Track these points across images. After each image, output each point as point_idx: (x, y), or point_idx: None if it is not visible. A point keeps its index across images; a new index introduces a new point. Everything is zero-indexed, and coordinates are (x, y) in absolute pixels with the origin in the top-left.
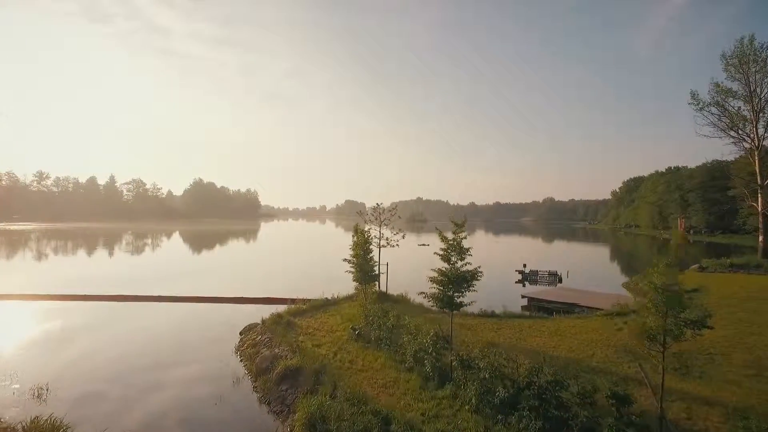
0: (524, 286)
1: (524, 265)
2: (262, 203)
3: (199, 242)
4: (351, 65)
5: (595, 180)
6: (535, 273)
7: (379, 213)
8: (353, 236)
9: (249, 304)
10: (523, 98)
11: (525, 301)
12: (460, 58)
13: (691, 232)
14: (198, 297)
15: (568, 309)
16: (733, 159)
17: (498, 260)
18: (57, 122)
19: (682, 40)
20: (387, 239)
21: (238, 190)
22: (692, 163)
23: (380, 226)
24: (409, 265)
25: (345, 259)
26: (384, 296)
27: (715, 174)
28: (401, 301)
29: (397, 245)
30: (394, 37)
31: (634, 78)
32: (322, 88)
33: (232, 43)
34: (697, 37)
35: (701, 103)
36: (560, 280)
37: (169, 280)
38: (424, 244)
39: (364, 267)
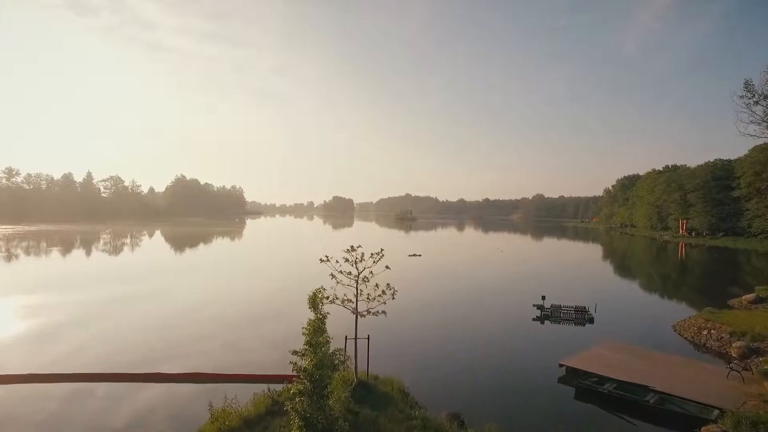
0: (542, 323)
1: (543, 298)
2: (249, 200)
3: (163, 250)
4: (341, 62)
5: (584, 177)
6: (557, 309)
7: (356, 260)
8: (310, 315)
9: (165, 383)
10: (514, 95)
11: (563, 371)
12: (451, 55)
13: (693, 234)
14: (84, 374)
15: (636, 397)
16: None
17: (504, 278)
18: (44, 121)
19: (669, 39)
20: (368, 298)
21: (223, 186)
22: (689, 162)
23: (357, 281)
24: (398, 293)
25: (295, 352)
26: (363, 388)
27: (718, 173)
28: (390, 400)
29: (384, 313)
30: (385, 34)
31: (625, 76)
32: (312, 84)
33: (221, 37)
34: (685, 37)
35: (756, 96)
36: (591, 321)
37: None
38: (415, 254)
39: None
